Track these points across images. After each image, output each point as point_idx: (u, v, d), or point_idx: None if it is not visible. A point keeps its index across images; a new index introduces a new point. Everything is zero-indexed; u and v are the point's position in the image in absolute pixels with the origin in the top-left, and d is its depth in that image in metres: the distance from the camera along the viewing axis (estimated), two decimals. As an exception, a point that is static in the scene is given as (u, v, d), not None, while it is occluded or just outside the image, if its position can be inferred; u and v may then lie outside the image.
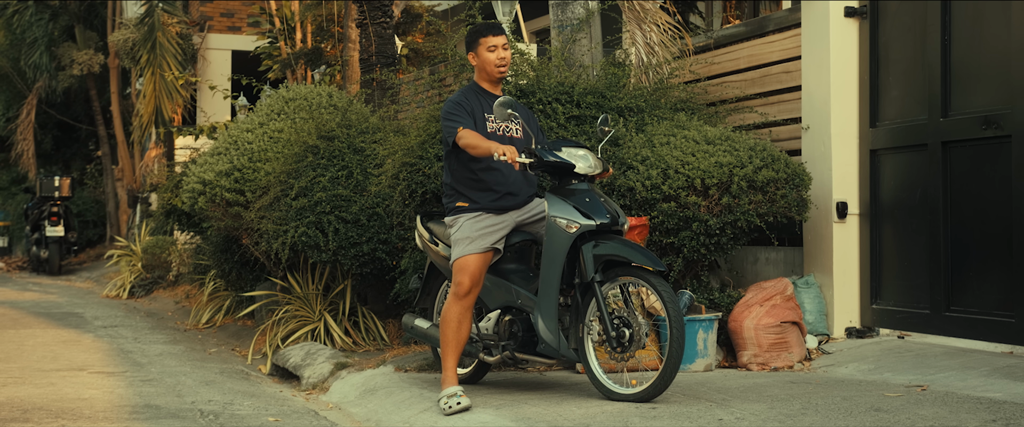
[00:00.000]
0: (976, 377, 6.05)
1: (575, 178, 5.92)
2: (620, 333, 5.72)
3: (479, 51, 6.14)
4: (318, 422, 6.25)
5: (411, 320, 6.69)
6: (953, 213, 6.93)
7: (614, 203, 5.98)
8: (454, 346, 5.99)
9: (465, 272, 5.93)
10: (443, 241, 6.33)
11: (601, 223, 5.77)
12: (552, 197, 5.92)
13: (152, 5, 17.12)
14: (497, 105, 5.85)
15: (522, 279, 6.15)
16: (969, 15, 6.90)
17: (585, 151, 5.98)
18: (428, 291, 6.72)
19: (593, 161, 5.96)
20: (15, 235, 25.51)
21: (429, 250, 6.49)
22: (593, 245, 5.77)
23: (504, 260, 6.22)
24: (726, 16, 11.55)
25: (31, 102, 22.96)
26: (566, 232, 5.79)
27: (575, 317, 5.89)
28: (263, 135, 9.56)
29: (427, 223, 6.56)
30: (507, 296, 6.14)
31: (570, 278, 5.90)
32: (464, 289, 5.92)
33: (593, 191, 5.90)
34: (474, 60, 6.19)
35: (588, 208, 5.79)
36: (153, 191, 18.93)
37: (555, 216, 5.85)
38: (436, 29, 14.98)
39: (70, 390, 7.03)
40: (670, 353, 5.56)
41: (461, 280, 5.93)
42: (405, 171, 7.21)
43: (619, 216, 5.86)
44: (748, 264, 8.07)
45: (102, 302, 14.47)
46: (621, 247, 5.72)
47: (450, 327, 5.97)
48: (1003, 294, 6.61)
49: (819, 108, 7.56)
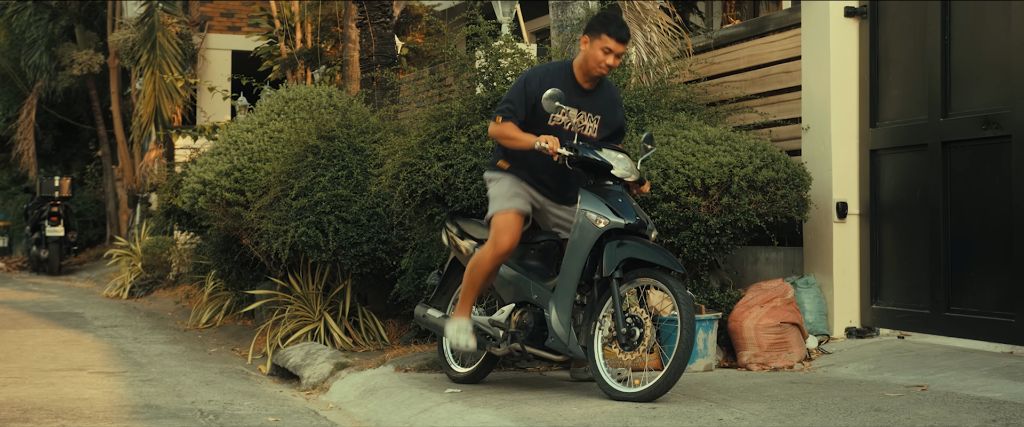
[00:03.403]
0: (976, 377, 6.05)
1: (610, 180, 5.97)
2: (631, 331, 5.76)
3: (595, 43, 6.02)
4: (318, 422, 6.25)
5: (424, 309, 6.77)
6: (953, 213, 6.93)
7: (644, 213, 6.03)
8: (475, 290, 6.21)
9: (507, 230, 6.02)
10: (471, 236, 6.47)
11: (629, 223, 5.83)
12: (586, 193, 5.99)
13: (152, 5, 17.12)
14: (545, 98, 5.87)
15: (540, 277, 6.24)
16: (969, 15, 6.90)
17: (624, 156, 6.03)
18: (444, 290, 6.81)
19: (631, 166, 6.01)
20: (15, 235, 25.51)
21: (455, 245, 6.60)
22: (617, 244, 5.83)
23: (528, 256, 6.34)
24: (726, 16, 11.55)
25: (31, 102, 22.96)
26: (595, 226, 5.86)
27: (589, 315, 5.94)
28: (263, 135, 9.56)
29: (455, 220, 6.68)
30: (524, 292, 6.23)
31: (590, 275, 5.95)
32: (504, 247, 6.03)
33: (626, 195, 5.97)
34: (585, 45, 6.08)
35: (619, 208, 5.86)
36: (153, 191, 18.92)
37: (586, 209, 5.91)
38: (436, 29, 15.00)
39: (70, 390, 7.03)
40: (677, 354, 5.57)
41: (502, 239, 6.02)
42: (405, 171, 7.21)
43: (648, 223, 5.92)
44: (748, 264, 8.07)
45: (102, 302, 14.46)
46: (644, 248, 5.78)
47: (480, 272, 6.12)
48: (1003, 294, 6.60)
49: (819, 108, 7.56)
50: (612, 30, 5.98)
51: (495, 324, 6.29)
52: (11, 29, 22.95)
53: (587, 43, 6.06)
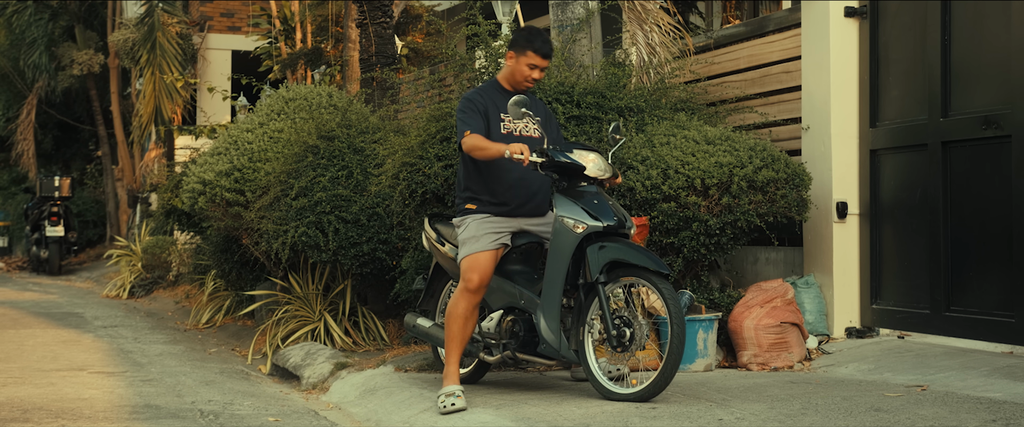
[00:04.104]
0: (976, 377, 6.05)
1: (584, 180, 5.93)
2: (621, 332, 5.73)
3: (521, 59, 6.09)
4: (318, 422, 6.25)
5: (413, 319, 6.70)
6: (953, 213, 6.93)
7: (622, 209, 5.99)
8: (458, 342, 6.00)
9: (475, 269, 5.95)
10: (450, 242, 6.35)
11: (608, 225, 5.78)
12: (560, 198, 5.93)
13: (152, 5, 17.13)
14: (511, 103, 5.86)
15: (526, 281, 6.16)
16: (969, 15, 6.90)
17: (596, 155, 5.98)
18: (432, 293, 6.73)
19: (603, 165, 5.97)
20: (15, 235, 25.51)
21: (436, 251, 6.50)
22: (599, 246, 5.78)
23: (510, 261, 6.23)
24: (726, 16, 11.54)
25: (31, 102, 22.97)
26: (573, 232, 5.81)
27: (577, 318, 5.90)
28: (263, 135, 9.56)
29: (434, 224, 6.57)
30: (511, 297, 6.15)
31: (574, 279, 5.91)
32: (474, 285, 5.94)
33: (601, 194, 5.92)
34: (511, 60, 6.14)
35: (596, 210, 5.81)
36: (153, 191, 18.93)
37: (563, 216, 5.86)
38: (436, 29, 14.99)
39: (70, 390, 7.03)
40: (670, 351, 5.57)
41: (471, 276, 5.94)
42: (405, 171, 7.21)
43: (626, 220, 5.88)
44: (748, 264, 8.07)
45: (102, 302, 14.47)
46: (626, 249, 5.74)
47: (457, 322, 5.98)
48: (1003, 294, 6.60)
49: (819, 108, 7.56)
50: (537, 46, 6.06)
51: (486, 333, 6.24)
52: (11, 29, 22.95)
53: (513, 58, 6.12)
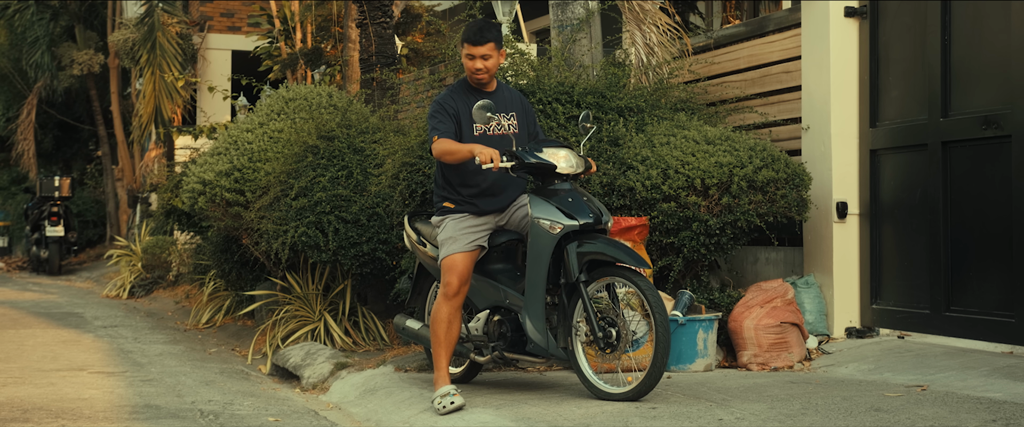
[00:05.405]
0: (976, 377, 6.05)
1: (558, 178, 5.89)
2: (607, 333, 5.71)
3: (462, 53, 6.12)
4: (318, 422, 6.25)
5: (402, 321, 6.70)
6: (953, 213, 6.93)
7: (597, 201, 5.94)
8: (445, 346, 6.00)
9: (453, 271, 5.95)
10: (430, 241, 6.33)
11: (584, 223, 5.74)
12: (535, 198, 5.89)
13: (152, 5, 17.11)
14: (475, 109, 5.85)
15: (510, 278, 6.13)
16: (969, 15, 6.90)
17: (566, 150, 5.94)
18: (418, 291, 6.73)
19: (574, 160, 5.93)
20: (15, 235, 25.52)
21: (417, 251, 6.49)
22: (577, 245, 5.74)
23: (491, 260, 6.20)
24: (726, 16, 11.55)
25: (31, 102, 22.96)
26: (550, 233, 5.77)
27: (563, 316, 5.88)
28: (263, 135, 9.56)
29: (414, 223, 6.55)
30: (495, 296, 6.13)
31: (556, 278, 5.89)
32: (453, 288, 5.94)
33: (576, 191, 5.88)
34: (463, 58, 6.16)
35: (571, 208, 5.77)
36: (153, 191, 18.93)
37: (538, 217, 5.82)
38: (436, 29, 14.98)
39: (70, 390, 7.03)
40: (656, 348, 5.55)
41: (449, 280, 5.95)
42: (405, 171, 7.21)
43: (603, 214, 5.83)
44: (748, 264, 8.07)
45: (102, 302, 14.47)
46: (605, 246, 5.69)
47: (441, 327, 5.99)
48: (1003, 294, 6.61)
49: (819, 108, 7.56)
50: (467, 35, 6.06)
51: (474, 334, 6.23)
52: (12, 29, 22.96)
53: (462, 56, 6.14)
